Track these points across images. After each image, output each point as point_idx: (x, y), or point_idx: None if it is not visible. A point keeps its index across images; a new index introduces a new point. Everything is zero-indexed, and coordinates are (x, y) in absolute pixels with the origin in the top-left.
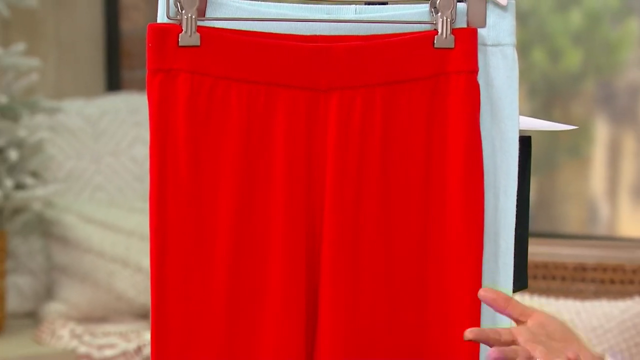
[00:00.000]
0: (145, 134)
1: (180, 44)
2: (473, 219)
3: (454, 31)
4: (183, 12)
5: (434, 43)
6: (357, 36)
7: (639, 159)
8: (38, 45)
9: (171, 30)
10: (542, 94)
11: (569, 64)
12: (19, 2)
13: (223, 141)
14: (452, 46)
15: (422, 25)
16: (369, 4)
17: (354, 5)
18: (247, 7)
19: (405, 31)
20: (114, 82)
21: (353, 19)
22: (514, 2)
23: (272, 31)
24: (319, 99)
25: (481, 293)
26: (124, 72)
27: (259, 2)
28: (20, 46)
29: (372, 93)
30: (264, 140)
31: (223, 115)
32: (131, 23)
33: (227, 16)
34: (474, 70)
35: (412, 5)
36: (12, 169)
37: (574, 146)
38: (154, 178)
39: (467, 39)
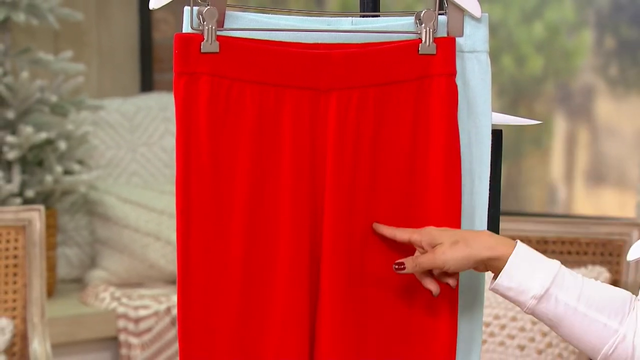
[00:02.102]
0: (173, 127)
1: (202, 50)
2: (452, 200)
3: (436, 40)
4: (205, 23)
5: (418, 50)
6: (354, 44)
7: (591, 148)
8: (83, 53)
9: (194, 39)
10: (510, 94)
11: (532, 68)
12: (67, 16)
13: (238, 133)
14: (434, 52)
15: (409, 35)
16: (364, 16)
17: (350, 17)
18: (260, 19)
19: (395, 39)
20: (147, 84)
21: (350, 29)
22: (487, 15)
23: (280, 40)
24: (320, 98)
25: (377, 230)
26: (155, 75)
27: (269, 15)
28: (68, 53)
29: (365, 93)
30: (274, 132)
31: (238, 111)
32: (161, 33)
33: (242, 27)
34: (453, 73)
35: (401, 17)
36: (62, 157)
37: (537, 138)
38: (179, 165)
39: (447, 47)
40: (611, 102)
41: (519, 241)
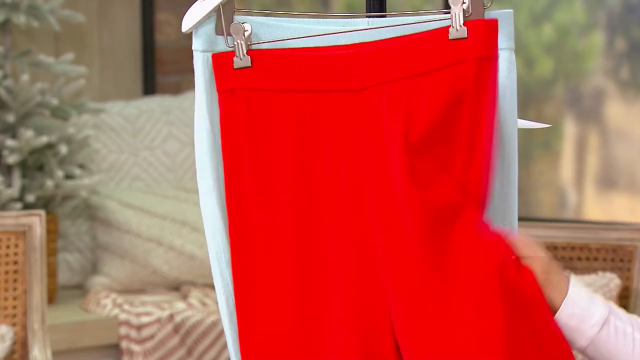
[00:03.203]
0: (176, 131)
1: (235, 67)
2: (482, 196)
3: (467, 22)
4: (233, 39)
5: (448, 36)
6: (379, 40)
7: (602, 152)
8: (84, 55)
9: (227, 57)
10: (519, 97)
11: (541, 71)
12: (68, 17)
13: (280, 143)
14: (466, 36)
15: (438, 23)
16: (370, 17)
17: (367, 18)
18: (281, 24)
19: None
20: (149, 87)
21: (372, 27)
22: (511, 11)
23: (302, 45)
24: (354, 98)
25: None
26: (158, 77)
27: (290, 19)
28: (69, 56)
29: (397, 87)
30: (313, 138)
31: (278, 121)
32: (164, 36)
33: (271, 35)
34: (490, 57)
35: (419, 16)
36: (63, 161)
37: (546, 141)
38: (227, 182)
39: (482, 29)
40: (622, 105)
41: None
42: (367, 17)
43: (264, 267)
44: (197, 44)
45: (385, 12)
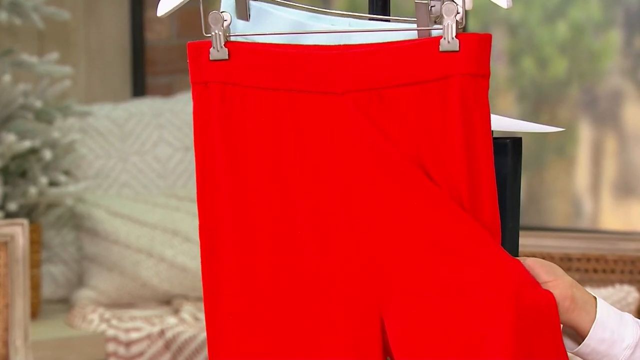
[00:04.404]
0: (167, 135)
1: (210, 58)
2: (489, 211)
3: (460, 35)
4: (211, 29)
5: (439, 47)
6: (365, 44)
7: (620, 158)
8: (70, 54)
9: (204, 47)
10: (531, 99)
11: (555, 71)
12: (52, 15)
13: (256, 142)
14: (457, 49)
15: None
16: (372, 19)
17: (348, 19)
18: (281, 14)
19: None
20: (139, 88)
21: (366, 28)
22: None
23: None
24: (337, 101)
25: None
26: (148, 78)
27: (291, 10)
28: (53, 55)
29: (385, 94)
30: (292, 140)
31: (253, 119)
32: (155, 34)
33: (265, 25)
34: (482, 74)
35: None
36: (47, 168)
37: (560, 146)
38: (199, 180)
39: (475, 43)
40: None
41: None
42: (369, 19)
43: (237, 271)
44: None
45: (389, 12)
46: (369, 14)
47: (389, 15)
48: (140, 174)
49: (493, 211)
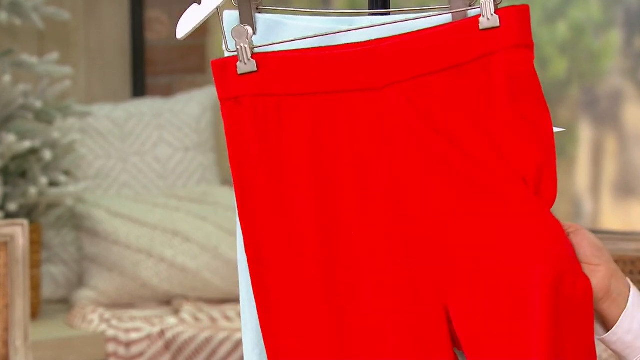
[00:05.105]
0: (167, 135)
1: (239, 72)
2: (548, 195)
3: (498, 11)
4: (236, 43)
5: (479, 26)
6: (398, 35)
7: (620, 158)
8: (70, 55)
9: (229, 63)
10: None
11: (555, 71)
12: (52, 15)
13: (297, 150)
14: (498, 25)
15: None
16: (373, 14)
17: (369, 17)
18: (291, 22)
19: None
20: (139, 88)
21: (395, 20)
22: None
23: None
24: (377, 97)
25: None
26: (148, 79)
27: (300, 17)
28: (53, 55)
29: (425, 82)
30: (334, 142)
31: (291, 127)
32: (155, 34)
33: (276, 35)
34: (527, 45)
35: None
36: (47, 168)
37: (560, 146)
38: (238, 197)
39: (515, 16)
40: None
41: (628, 279)
42: (369, 14)
43: (288, 281)
44: (226, 47)
45: (389, 9)
46: (369, 9)
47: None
48: (140, 174)
49: (552, 183)
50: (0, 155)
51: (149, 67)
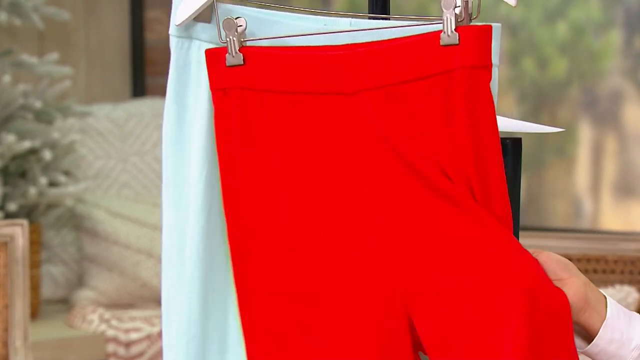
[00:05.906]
0: None
1: (227, 64)
2: (501, 208)
3: (459, 28)
4: (226, 35)
5: (440, 42)
6: (370, 42)
7: (620, 158)
8: (70, 55)
9: (221, 53)
10: (531, 99)
11: (555, 71)
12: (52, 15)
13: (273, 147)
14: (457, 43)
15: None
16: (372, 18)
17: (348, 19)
18: (283, 21)
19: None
20: (139, 88)
21: (363, 27)
22: (499, 26)
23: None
24: (349, 102)
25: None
26: (148, 79)
27: (276, 12)
28: (53, 56)
29: (391, 92)
30: (307, 142)
31: (270, 123)
32: (155, 34)
33: (268, 32)
34: (483, 65)
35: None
36: (47, 168)
37: (560, 147)
38: (223, 184)
39: (475, 36)
40: None
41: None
42: (369, 18)
43: (264, 273)
44: (172, 29)
45: (389, 12)
46: (368, 14)
47: (389, 15)
48: (140, 174)
49: (504, 202)
50: (0, 155)
51: (149, 67)
